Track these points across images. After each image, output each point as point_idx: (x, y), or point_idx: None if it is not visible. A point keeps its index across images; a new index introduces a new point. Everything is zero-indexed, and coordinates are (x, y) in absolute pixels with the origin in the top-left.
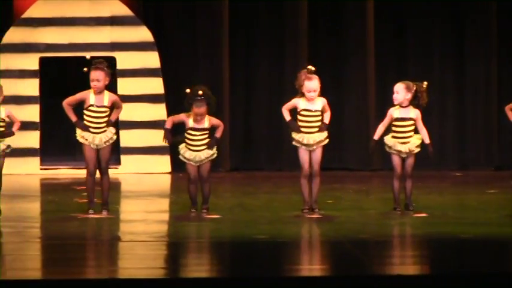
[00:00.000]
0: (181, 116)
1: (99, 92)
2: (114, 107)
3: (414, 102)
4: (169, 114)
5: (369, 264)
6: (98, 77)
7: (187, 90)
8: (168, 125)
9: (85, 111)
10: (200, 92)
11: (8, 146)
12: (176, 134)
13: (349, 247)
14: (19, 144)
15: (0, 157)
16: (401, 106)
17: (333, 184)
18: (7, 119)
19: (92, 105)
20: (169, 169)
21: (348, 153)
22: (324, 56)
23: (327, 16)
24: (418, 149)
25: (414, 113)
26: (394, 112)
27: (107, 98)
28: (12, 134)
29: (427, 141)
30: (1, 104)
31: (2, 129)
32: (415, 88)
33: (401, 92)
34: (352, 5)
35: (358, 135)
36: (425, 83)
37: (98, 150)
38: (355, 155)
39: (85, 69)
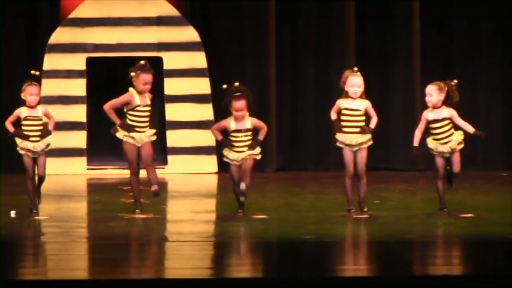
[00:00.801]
0: (222, 123)
1: (141, 93)
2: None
3: (447, 102)
4: (215, 114)
5: (415, 265)
6: (149, 80)
7: (224, 86)
8: (218, 137)
9: (130, 112)
10: (237, 84)
11: (48, 145)
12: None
13: (396, 247)
14: (66, 145)
15: (40, 156)
16: (434, 107)
17: (379, 184)
18: (44, 118)
19: (139, 106)
20: (216, 169)
21: (394, 154)
22: (370, 56)
23: (373, 17)
24: (461, 146)
25: (447, 112)
26: (428, 115)
27: (148, 96)
28: (50, 133)
29: (472, 130)
30: (40, 103)
31: (41, 127)
32: (446, 88)
33: (434, 93)
34: (398, 6)
35: (405, 136)
36: (455, 81)
37: (139, 150)
38: (402, 155)
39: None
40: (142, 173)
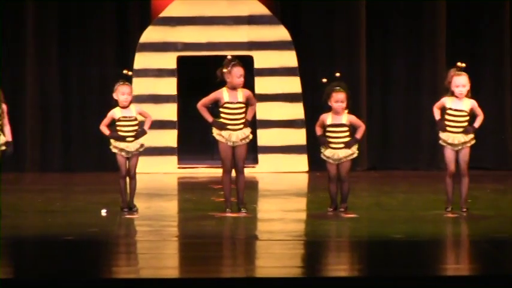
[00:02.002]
0: (321, 118)
1: (231, 89)
2: (249, 103)
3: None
4: (306, 113)
5: (506, 264)
6: (242, 73)
7: (324, 80)
8: (319, 132)
9: (221, 109)
10: (338, 74)
11: (142, 145)
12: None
13: (486, 246)
14: (157, 143)
15: (134, 156)
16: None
17: (470, 183)
18: (139, 117)
19: (227, 103)
20: (306, 168)
21: (485, 153)
22: (461, 56)
23: (464, 16)
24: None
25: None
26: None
27: (241, 93)
28: (145, 133)
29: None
30: (132, 103)
31: (136, 127)
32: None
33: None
34: (488, 5)
35: (495, 135)
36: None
37: (233, 149)
38: (493, 154)
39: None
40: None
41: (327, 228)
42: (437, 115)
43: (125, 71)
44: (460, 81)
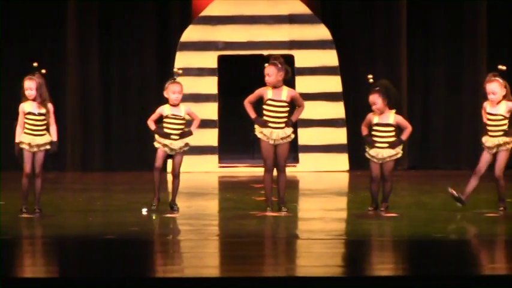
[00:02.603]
0: (368, 117)
1: (274, 87)
2: (294, 103)
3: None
4: (347, 112)
5: None
6: (268, 71)
7: (370, 78)
8: (365, 132)
9: (264, 106)
10: (370, 76)
11: (186, 144)
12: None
13: None
14: (198, 142)
15: (178, 155)
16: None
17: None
18: (187, 117)
19: (270, 100)
20: (347, 167)
21: None
22: (503, 56)
23: (506, 16)
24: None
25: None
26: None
27: (285, 93)
28: (190, 134)
29: None
30: (181, 102)
31: (182, 126)
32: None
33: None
34: None
35: None
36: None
37: (275, 148)
38: None
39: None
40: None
41: (368, 227)
42: (484, 118)
43: (175, 70)
44: (490, 89)
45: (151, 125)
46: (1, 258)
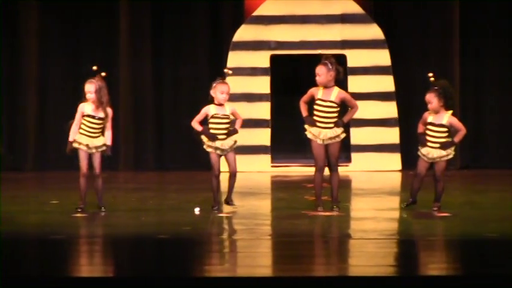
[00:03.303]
0: (424, 116)
1: (325, 87)
2: (346, 105)
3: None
4: (399, 112)
5: None
6: (318, 71)
7: (431, 75)
8: (421, 130)
9: (314, 106)
10: (430, 74)
11: (235, 142)
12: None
13: None
14: (250, 142)
15: (230, 153)
16: None
17: None
18: (231, 116)
19: (318, 100)
20: (399, 167)
21: None
22: None
23: None
24: None
25: None
26: None
27: (335, 94)
28: (236, 132)
29: None
30: (228, 101)
31: (229, 125)
32: None
33: None
34: None
35: None
36: None
37: (326, 147)
38: None
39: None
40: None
41: (420, 227)
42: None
43: (225, 70)
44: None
45: (197, 126)
46: (57, 258)
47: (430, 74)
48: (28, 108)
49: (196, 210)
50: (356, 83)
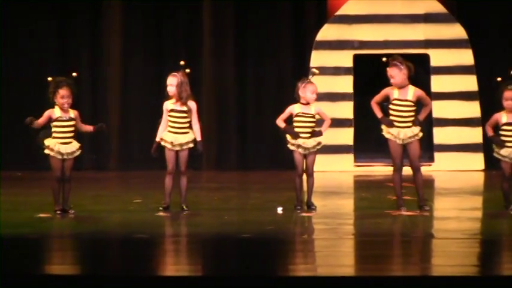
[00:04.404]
0: (494, 117)
1: (400, 87)
2: (421, 102)
3: None
4: (482, 112)
5: None
6: (391, 73)
7: (499, 79)
8: (490, 132)
9: (390, 106)
10: None
11: (319, 143)
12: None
13: None
14: (333, 141)
15: (311, 154)
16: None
17: None
18: (317, 116)
19: (396, 99)
20: (482, 166)
21: None
22: None
23: None
24: None
25: None
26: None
27: (411, 92)
28: (320, 134)
29: None
30: (315, 101)
31: (313, 125)
32: None
33: None
34: None
35: None
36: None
37: (405, 147)
38: None
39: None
40: (407, 170)
41: (503, 227)
42: None
43: (313, 69)
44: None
45: (281, 124)
46: (140, 257)
47: None
48: (111, 108)
49: (279, 210)
50: (439, 83)
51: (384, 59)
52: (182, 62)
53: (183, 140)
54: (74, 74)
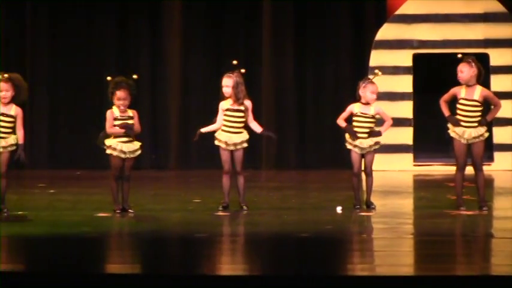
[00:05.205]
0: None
1: (468, 86)
2: (489, 103)
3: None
4: None
5: None
6: (461, 68)
7: None
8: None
9: (457, 105)
10: None
11: (377, 143)
12: None
13: None
14: (393, 141)
15: (369, 153)
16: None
17: None
18: (377, 116)
19: (462, 99)
20: None
21: None
22: None
23: None
24: None
25: None
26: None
27: (478, 92)
28: (379, 134)
29: None
30: (375, 101)
31: (371, 125)
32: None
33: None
34: None
35: None
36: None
37: (469, 147)
38: None
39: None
40: (469, 170)
41: None
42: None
43: (376, 70)
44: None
45: (342, 123)
46: (199, 256)
47: None
48: (171, 108)
49: (338, 209)
50: (499, 82)
51: (460, 55)
52: (235, 62)
53: (237, 140)
54: (135, 76)
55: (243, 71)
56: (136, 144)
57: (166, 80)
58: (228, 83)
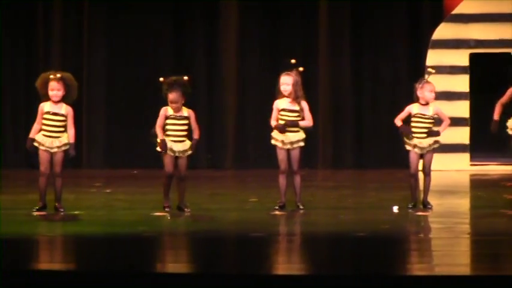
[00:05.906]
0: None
1: None
2: None
3: None
4: None
5: None
6: None
7: None
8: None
9: None
10: None
11: (435, 142)
12: None
13: None
14: (449, 141)
15: (428, 153)
16: None
17: None
18: (435, 116)
19: None
20: None
21: None
22: None
23: None
24: None
25: None
26: None
27: None
28: (438, 134)
29: None
30: (434, 99)
31: (430, 125)
32: None
33: None
34: None
35: None
36: None
37: None
38: None
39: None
40: None
41: None
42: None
43: (429, 69)
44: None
45: (398, 123)
46: (256, 256)
47: None
48: (227, 106)
49: (395, 209)
50: None
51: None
52: (293, 61)
53: (294, 139)
54: (186, 78)
55: (301, 69)
56: (187, 144)
57: (222, 80)
58: (287, 80)
